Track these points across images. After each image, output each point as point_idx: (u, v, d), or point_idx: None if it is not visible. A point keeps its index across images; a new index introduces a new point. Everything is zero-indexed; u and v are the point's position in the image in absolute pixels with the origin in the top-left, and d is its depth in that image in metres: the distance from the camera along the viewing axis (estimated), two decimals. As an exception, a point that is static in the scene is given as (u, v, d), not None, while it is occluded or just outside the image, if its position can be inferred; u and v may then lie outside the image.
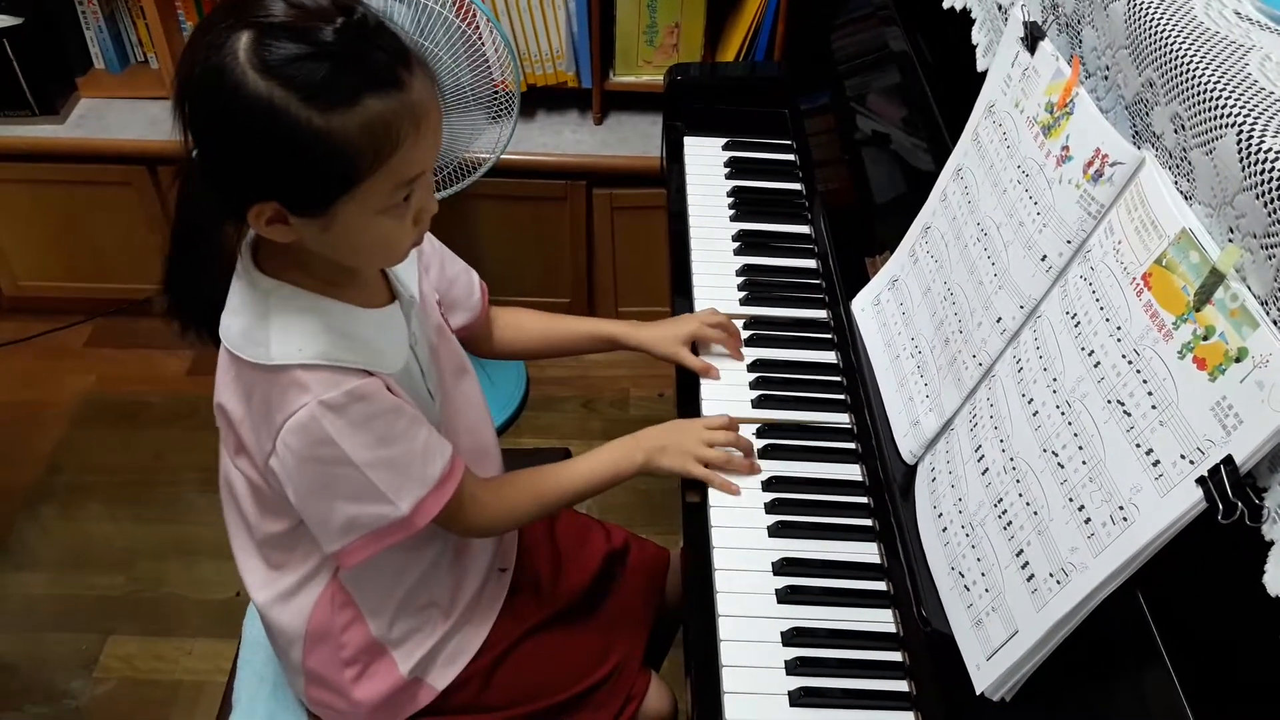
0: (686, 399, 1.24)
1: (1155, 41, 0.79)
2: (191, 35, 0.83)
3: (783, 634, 1.00)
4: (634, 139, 2.09)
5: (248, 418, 0.93)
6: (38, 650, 1.83)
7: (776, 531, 1.08)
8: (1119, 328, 0.79)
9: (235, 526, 1.06)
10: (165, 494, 2.06)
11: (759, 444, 1.17)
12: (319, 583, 1.05)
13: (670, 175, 1.56)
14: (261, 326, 0.89)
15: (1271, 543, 0.65)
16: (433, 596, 1.10)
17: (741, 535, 1.08)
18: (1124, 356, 0.78)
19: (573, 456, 1.53)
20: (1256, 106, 0.69)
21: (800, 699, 0.95)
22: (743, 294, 1.35)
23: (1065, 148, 0.89)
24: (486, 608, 1.16)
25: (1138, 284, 0.78)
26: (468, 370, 1.12)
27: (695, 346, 1.26)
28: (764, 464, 1.15)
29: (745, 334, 1.29)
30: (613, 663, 1.19)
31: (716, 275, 1.38)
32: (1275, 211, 0.65)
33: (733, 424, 1.14)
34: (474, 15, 1.65)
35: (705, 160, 1.56)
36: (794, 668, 0.98)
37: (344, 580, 1.05)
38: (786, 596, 1.03)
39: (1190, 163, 0.76)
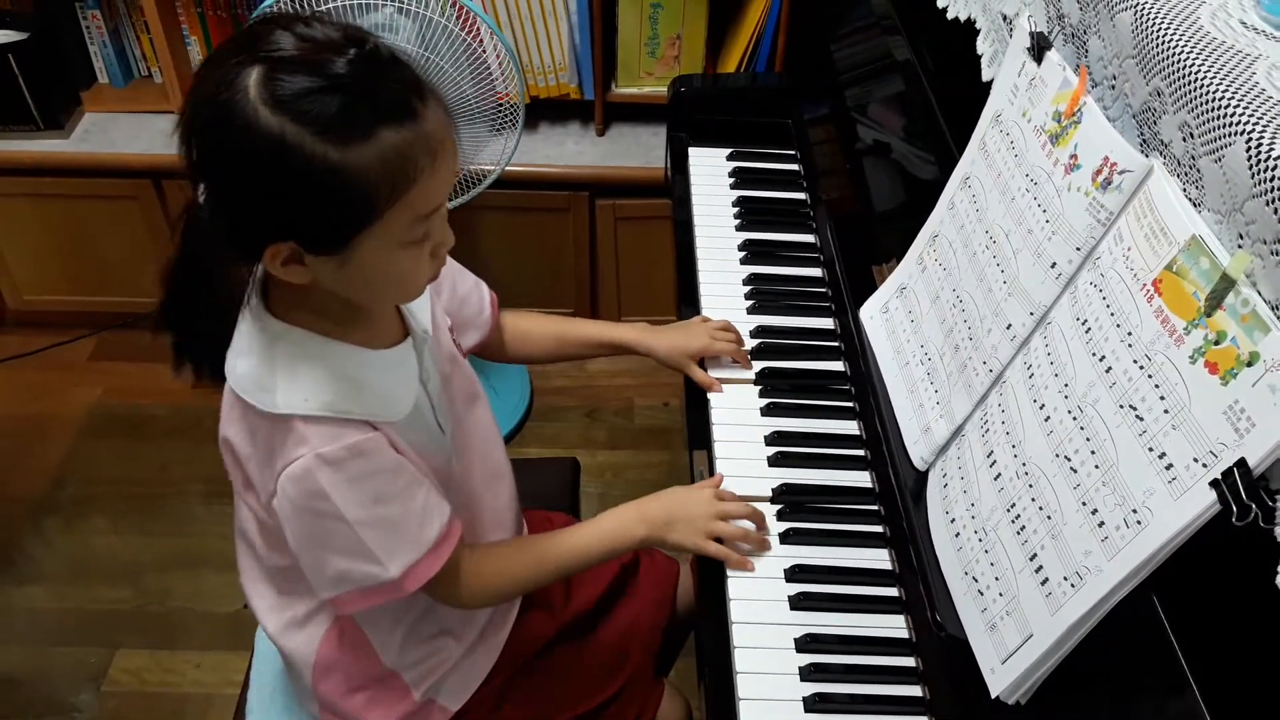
0: (695, 406, 1.25)
1: (1163, 51, 0.80)
2: (198, 73, 0.81)
3: (796, 640, 1.01)
4: (636, 150, 2.11)
5: (254, 455, 0.91)
6: (44, 664, 1.83)
7: (788, 538, 1.09)
8: (1130, 333, 0.80)
9: (245, 556, 1.05)
10: (171, 506, 2.06)
11: (769, 452, 1.17)
12: (328, 614, 1.05)
13: (675, 186, 1.57)
14: (269, 372, 0.88)
15: (1285, 544, 0.65)
16: (445, 624, 1.09)
17: (753, 542, 1.09)
18: (1135, 362, 0.79)
19: (579, 465, 1.56)
20: (1265, 115, 0.70)
21: (815, 705, 0.96)
22: (750, 303, 1.36)
23: (1073, 156, 0.90)
24: (499, 626, 1.15)
25: (1148, 290, 0.79)
26: (479, 396, 1.11)
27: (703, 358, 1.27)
28: (774, 472, 1.15)
29: (753, 343, 1.30)
30: (625, 676, 1.19)
31: (723, 285, 1.39)
32: (1285, 218, 0.67)
33: (747, 503, 1.10)
34: (477, 27, 1.66)
35: (710, 170, 1.58)
36: (808, 674, 0.98)
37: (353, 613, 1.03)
38: (799, 603, 1.04)
39: (1199, 170, 0.77)
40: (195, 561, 1.96)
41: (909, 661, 1.00)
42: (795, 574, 1.06)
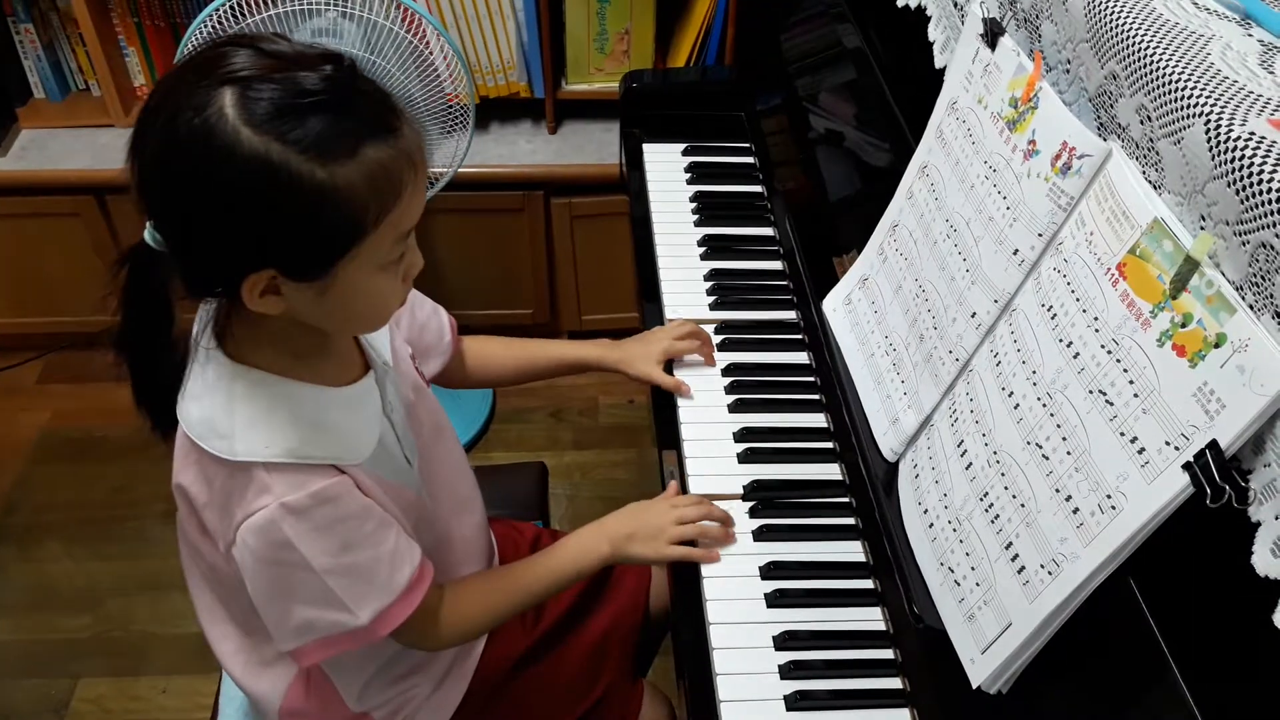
0: (661, 405, 1.24)
1: (1116, 34, 0.80)
2: (150, 101, 0.76)
3: (774, 638, 1.00)
4: (589, 147, 2.09)
5: (210, 503, 0.88)
6: (4, 699, 1.77)
7: (761, 535, 1.08)
8: (1096, 318, 0.80)
9: (202, 599, 1.01)
10: (129, 529, 2.01)
11: (738, 449, 1.16)
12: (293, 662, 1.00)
13: (631, 183, 1.55)
14: (226, 417, 0.84)
15: (1258, 524, 0.66)
16: (413, 663, 1.07)
17: (727, 541, 1.08)
18: (1103, 346, 0.78)
19: (547, 470, 1.54)
20: (1222, 95, 0.70)
21: (796, 702, 0.95)
22: (712, 299, 1.35)
23: (1031, 142, 0.90)
24: (468, 653, 1.13)
25: (1112, 274, 0.79)
26: (445, 426, 1.08)
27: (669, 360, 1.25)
28: (744, 469, 1.15)
29: (717, 339, 1.29)
30: (604, 683, 1.18)
31: (684, 281, 1.38)
32: (1247, 198, 0.66)
33: (702, 501, 1.10)
34: (423, 28, 1.63)
35: (665, 166, 1.56)
36: (788, 671, 0.98)
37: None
38: (776, 600, 1.03)
39: (1158, 153, 0.77)
40: (157, 583, 1.91)
41: (888, 654, 0.99)
42: (770, 571, 1.05)
